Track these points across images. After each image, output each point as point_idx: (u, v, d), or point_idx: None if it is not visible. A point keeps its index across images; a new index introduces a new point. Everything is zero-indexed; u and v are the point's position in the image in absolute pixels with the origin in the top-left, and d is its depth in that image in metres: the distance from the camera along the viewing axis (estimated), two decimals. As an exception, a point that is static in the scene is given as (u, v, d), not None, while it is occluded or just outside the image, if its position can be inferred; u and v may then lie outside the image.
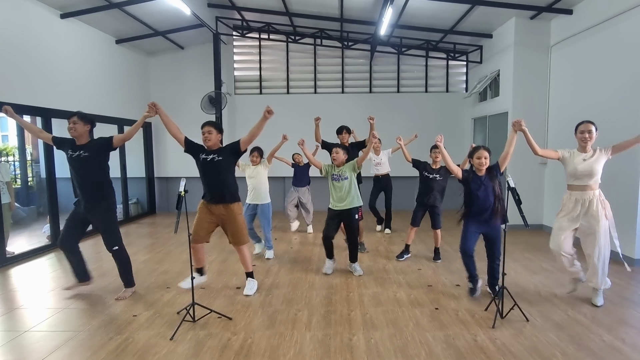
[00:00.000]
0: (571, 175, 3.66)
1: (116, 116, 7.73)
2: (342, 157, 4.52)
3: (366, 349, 2.96)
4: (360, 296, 4.00)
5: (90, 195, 3.88)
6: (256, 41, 9.20)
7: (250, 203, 5.32)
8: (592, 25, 5.59)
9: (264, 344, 3.05)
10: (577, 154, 3.66)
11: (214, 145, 3.88)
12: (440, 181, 5.04)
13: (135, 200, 8.72)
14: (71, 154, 3.84)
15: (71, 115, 3.87)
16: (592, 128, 3.63)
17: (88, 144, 3.91)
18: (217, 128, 3.93)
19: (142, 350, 2.97)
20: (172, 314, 3.59)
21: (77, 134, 3.85)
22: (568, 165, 3.67)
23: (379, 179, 6.83)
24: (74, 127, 3.82)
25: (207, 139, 3.84)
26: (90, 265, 5.04)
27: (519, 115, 6.80)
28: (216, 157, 3.80)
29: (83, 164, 3.83)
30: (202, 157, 3.82)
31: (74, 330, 3.30)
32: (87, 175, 3.86)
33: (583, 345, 2.99)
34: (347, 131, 5.55)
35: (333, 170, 4.57)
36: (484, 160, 3.70)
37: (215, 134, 3.88)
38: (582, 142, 3.63)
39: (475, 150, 3.77)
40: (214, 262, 5.19)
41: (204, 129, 3.88)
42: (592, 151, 3.64)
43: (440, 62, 9.22)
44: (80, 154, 3.82)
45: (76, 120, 3.84)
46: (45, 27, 5.99)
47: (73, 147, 3.87)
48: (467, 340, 3.07)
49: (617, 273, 4.62)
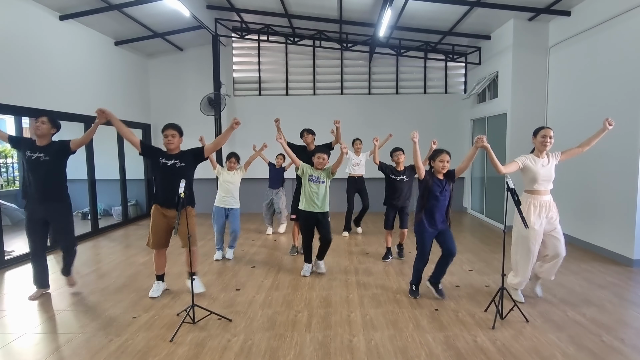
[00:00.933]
0: (532, 180, 3.68)
1: (115, 118, 7.71)
2: (326, 164, 4.60)
3: (366, 350, 2.96)
4: (360, 297, 4.00)
5: (48, 197, 3.89)
6: (255, 43, 9.21)
7: (220, 206, 5.33)
8: (590, 27, 5.61)
9: (264, 346, 3.04)
10: (536, 160, 3.69)
11: (175, 149, 3.87)
12: (407, 182, 5.13)
13: (134, 202, 8.71)
14: (30, 155, 3.83)
15: (41, 114, 3.92)
16: (552, 133, 3.67)
17: (48, 146, 3.91)
18: (179, 132, 3.90)
19: (141, 352, 2.96)
20: (172, 316, 3.58)
21: (40, 133, 3.86)
22: (529, 171, 3.67)
23: (355, 180, 6.82)
24: (40, 127, 3.85)
25: (170, 142, 3.81)
26: (89, 267, 5.06)
27: (517, 116, 6.83)
28: (178, 163, 3.81)
29: (43, 167, 3.83)
30: (162, 162, 3.80)
31: (73, 332, 3.29)
32: (46, 178, 3.87)
33: (583, 345, 3.00)
34: (307, 132, 5.54)
35: (312, 171, 4.57)
36: (445, 164, 3.76)
37: (178, 137, 3.86)
38: (543, 146, 3.65)
39: (439, 153, 3.80)
40: (213, 263, 5.19)
41: (166, 131, 3.83)
42: (547, 157, 3.70)
43: (439, 64, 9.24)
44: (41, 157, 3.83)
45: (45, 121, 3.89)
46: (44, 28, 5.98)
47: (32, 147, 3.87)
48: (467, 341, 3.08)
49: (616, 273, 4.63)
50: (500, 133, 7.28)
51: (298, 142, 5.51)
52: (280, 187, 6.86)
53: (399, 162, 5.10)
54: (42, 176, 3.85)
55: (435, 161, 3.79)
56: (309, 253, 4.72)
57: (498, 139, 7.40)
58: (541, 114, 6.80)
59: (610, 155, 5.19)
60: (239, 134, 9.16)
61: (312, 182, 4.52)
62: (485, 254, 5.46)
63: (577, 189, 5.89)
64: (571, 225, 6.01)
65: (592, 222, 5.61)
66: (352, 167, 6.81)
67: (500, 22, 7.09)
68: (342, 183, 6.85)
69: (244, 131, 9.16)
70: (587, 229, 5.70)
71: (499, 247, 3.72)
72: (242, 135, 9.16)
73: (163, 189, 3.84)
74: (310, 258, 4.73)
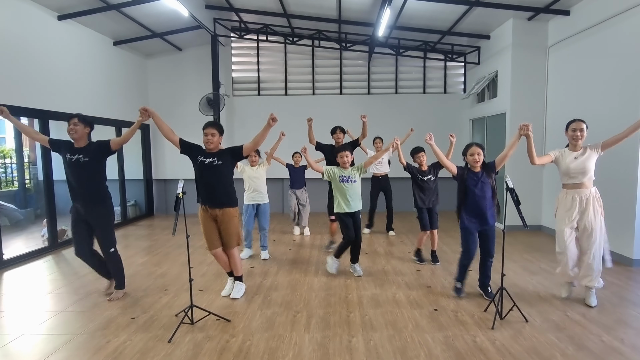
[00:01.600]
0: (564, 174, 3.69)
1: (114, 118, 7.71)
2: (350, 160, 4.52)
3: (365, 351, 2.95)
4: (359, 297, 3.99)
5: (88, 199, 3.87)
6: (254, 42, 9.20)
7: (249, 204, 5.33)
8: (590, 26, 5.60)
9: (263, 346, 3.03)
10: (568, 153, 3.70)
11: (214, 148, 3.80)
12: (434, 180, 5.07)
13: (133, 202, 8.70)
14: (70, 157, 3.79)
15: (71, 116, 3.83)
16: (584, 126, 3.66)
17: (87, 147, 3.87)
18: (220, 130, 3.84)
19: (139, 352, 2.95)
20: (170, 317, 3.57)
21: (77, 136, 3.81)
22: (561, 164, 3.70)
23: (379, 180, 6.81)
24: (74, 129, 3.79)
25: (210, 142, 3.74)
26: (87, 268, 5.02)
27: (517, 116, 6.81)
28: (216, 161, 3.74)
29: (83, 168, 3.81)
30: (201, 160, 3.74)
31: (72, 333, 3.28)
32: (87, 179, 3.85)
33: (582, 345, 2.99)
34: (341, 131, 5.54)
35: (342, 172, 4.50)
36: (477, 157, 3.71)
37: (218, 136, 3.79)
38: (574, 140, 3.66)
39: (468, 147, 3.79)
40: (212, 263, 5.17)
41: (206, 130, 3.77)
42: (583, 149, 3.67)
43: (438, 63, 9.23)
44: (80, 158, 3.79)
45: (77, 122, 3.80)
46: (42, 28, 5.97)
47: (71, 150, 3.83)
48: (466, 341, 3.07)
49: (615, 273, 4.62)
50: (500, 133, 7.27)
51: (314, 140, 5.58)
52: (303, 187, 6.76)
53: (422, 162, 5.04)
54: (83, 178, 3.84)
55: (467, 156, 3.76)
56: (343, 251, 4.66)
57: (497, 138, 7.40)
58: (540, 113, 6.79)
59: (609, 154, 5.17)
60: (238, 134, 9.18)
61: (345, 182, 4.46)
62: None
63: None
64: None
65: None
66: (375, 166, 6.73)
67: (499, 21, 7.08)
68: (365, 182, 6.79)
69: (243, 131, 9.18)
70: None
71: (499, 247, 3.70)
72: (242, 135, 9.16)
73: (205, 188, 3.78)
74: (341, 254, 4.68)
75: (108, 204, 4.01)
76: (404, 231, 7.09)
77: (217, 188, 3.76)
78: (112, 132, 7.76)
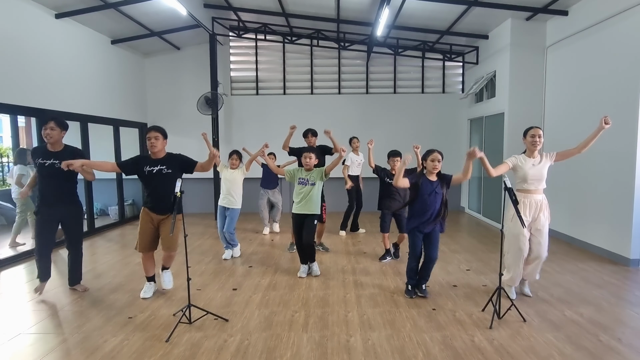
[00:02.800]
0: (522, 180, 3.74)
1: (111, 117, 7.69)
2: (313, 163, 4.53)
3: (363, 350, 2.95)
4: (358, 297, 3.99)
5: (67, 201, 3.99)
6: (252, 42, 9.18)
7: (221, 205, 5.34)
8: (588, 27, 5.61)
9: (261, 346, 3.03)
10: (526, 159, 3.74)
11: (159, 153, 3.79)
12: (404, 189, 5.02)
13: (130, 201, 8.67)
14: (42, 162, 3.86)
15: (47, 121, 3.89)
16: (541, 132, 3.73)
17: (63, 152, 3.91)
18: (163, 134, 3.82)
19: (137, 352, 2.94)
20: (168, 316, 3.56)
21: (53, 140, 3.86)
22: (519, 170, 3.74)
23: (355, 179, 6.65)
24: (50, 134, 3.83)
25: (153, 145, 3.72)
26: (86, 267, 5.01)
27: (515, 115, 6.83)
28: (165, 170, 3.75)
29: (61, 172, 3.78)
30: (148, 170, 3.73)
31: (68, 333, 3.26)
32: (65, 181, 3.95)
33: (580, 345, 3.00)
34: (312, 134, 5.54)
35: (300, 173, 4.54)
36: (437, 164, 3.74)
37: (161, 140, 3.77)
38: (533, 146, 3.72)
39: (430, 152, 3.78)
40: (210, 263, 5.17)
41: (150, 134, 3.73)
42: (539, 156, 3.73)
43: (437, 63, 9.23)
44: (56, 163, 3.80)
45: (53, 127, 3.85)
46: (40, 27, 5.94)
47: (45, 155, 3.87)
48: (464, 341, 3.07)
49: (613, 273, 4.64)
50: (498, 133, 7.29)
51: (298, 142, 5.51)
52: (275, 188, 6.80)
53: (395, 167, 5.02)
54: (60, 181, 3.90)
55: (427, 161, 3.78)
56: (301, 254, 4.69)
57: (495, 138, 7.41)
58: (538, 113, 6.80)
59: (607, 154, 5.20)
60: (236, 134, 9.16)
61: (299, 184, 4.51)
62: (482, 253, 5.46)
63: (573, 189, 5.89)
64: (568, 224, 6.03)
65: (589, 221, 5.62)
66: (357, 167, 6.69)
67: (497, 21, 7.09)
68: (339, 183, 6.80)
69: (242, 130, 9.17)
70: (584, 228, 5.71)
71: (497, 247, 3.72)
72: (240, 134, 9.16)
73: (153, 195, 3.80)
74: (305, 259, 4.70)
75: (80, 203, 4.15)
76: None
77: (166, 195, 3.62)
78: (109, 131, 7.74)
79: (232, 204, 5.29)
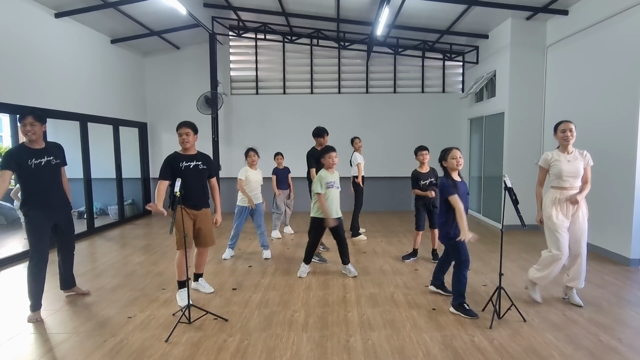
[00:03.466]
0: (557, 176, 3.64)
1: (111, 116, 7.68)
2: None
3: (363, 350, 2.94)
4: (357, 297, 3.98)
5: (64, 202, 3.81)
6: (252, 41, 9.17)
7: (245, 206, 5.31)
8: (588, 26, 5.60)
9: (261, 346, 3.02)
10: (560, 155, 3.65)
11: (191, 149, 3.80)
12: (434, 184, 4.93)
13: (130, 201, 8.67)
14: (36, 162, 3.53)
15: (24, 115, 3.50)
16: (573, 126, 3.62)
17: (47, 147, 3.68)
18: (194, 129, 3.80)
19: (136, 352, 2.94)
20: (168, 316, 3.56)
21: (35, 137, 3.54)
22: (554, 167, 3.64)
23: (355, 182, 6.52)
24: (32, 130, 3.49)
25: (185, 141, 3.71)
26: (85, 267, 5.03)
27: (515, 115, 6.81)
28: (200, 165, 3.77)
29: (55, 170, 3.69)
30: (185, 166, 3.69)
31: (68, 333, 3.26)
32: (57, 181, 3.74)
33: (580, 345, 2.99)
34: (326, 133, 5.41)
35: (328, 177, 4.44)
36: (460, 160, 3.55)
37: (192, 135, 3.77)
38: (564, 140, 3.62)
39: (449, 150, 3.59)
40: (209, 263, 5.16)
41: (181, 130, 3.72)
42: (575, 152, 3.65)
43: (437, 63, 9.23)
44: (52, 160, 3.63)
45: (33, 122, 3.50)
46: (39, 26, 5.93)
47: (32, 154, 3.53)
48: (464, 341, 3.06)
49: (613, 273, 4.63)
50: (498, 132, 7.28)
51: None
52: (288, 189, 6.73)
53: (424, 162, 4.92)
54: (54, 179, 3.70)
55: (448, 159, 3.57)
56: (312, 255, 4.69)
57: (495, 138, 7.40)
58: (539, 113, 6.80)
59: (608, 154, 5.19)
60: (236, 133, 9.15)
61: (328, 188, 4.42)
62: (482, 253, 5.46)
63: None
64: (568, 224, 6.01)
65: (590, 221, 5.59)
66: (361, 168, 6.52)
67: (497, 21, 7.08)
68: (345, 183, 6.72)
69: (242, 130, 9.16)
70: (585, 228, 5.69)
71: (497, 247, 3.70)
72: (240, 134, 9.15)
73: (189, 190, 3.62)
74: (311, 259, 4.71)
75: (70, 205, 3.95)
76: (402, 230, 7.10)
77: (200, 190, 3.78)
78: (109, 130, 7.73)
79: (260, 199, 5.42)
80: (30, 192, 3.55)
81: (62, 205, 3.80)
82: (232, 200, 5.31)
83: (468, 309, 3.51)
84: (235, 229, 5.39)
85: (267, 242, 5.45)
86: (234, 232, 5.41)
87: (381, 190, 9.12)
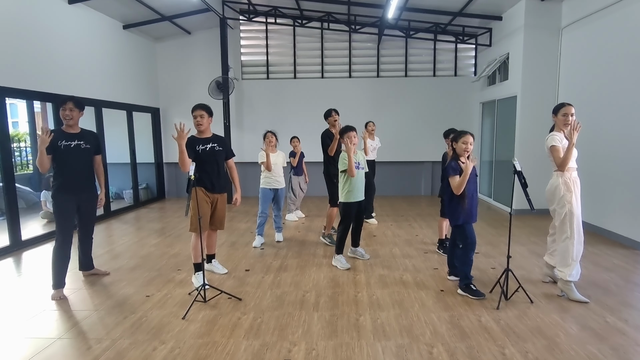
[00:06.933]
0: None
1: (125, 102, 7.79)
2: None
3: (372, 329, 3.04)
4: (367, 278, 4.07)
5: (90, 184, 3.93)
6: (263, 25, 9.14)
7: (269, 188, 5.31)
8: (604, 7, 5.47)
9: (273, 323, 3.14)
10: (562, 137, 3.61)
11: (206, 131, 3.87)
12: None
13: (144, 185, 8.84)
14: (67, 144, 3.69)
15: (65, 101, 3.75)
16: (574, 111, 3.61)
17: (82, 133, 3.85)
18: (209, 112, 3.86)
19: (156, 328, 3.08)
20: (184, 295, 3.70)
21: (73, 122, 3.75)
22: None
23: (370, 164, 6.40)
24: (70, 115, 3.71)
25: (200, 124, 3.79)
26: (103, 248, 5.20)
27: (528, 99, 6.74)
28: (217, 147, 3.85)
29: (86, 154, 3.82)
30: (201, 149, 3.77)
31: (90, 310, 3.42)
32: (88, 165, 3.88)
33: (586, 325, 3.04)
34: (335, 112, 5.26)
35: (356, 157, 4.25)
36: (470, 146, 3.55)
37: (206, 118, 3.83)
38: (565, 125, 3.59)
39: (462, 134, 3.56)
40: (223, 245, 5.29)
41: (195, 112, 3.79)
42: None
43: (449, 46, 9.09)
44: (82, 144, 3.78)
45: (72, 107, 3.73)
46: (53, 12, 6.01)
47: (66, 136, 3.72)
48: (471, 321, 3.14)
49: (622, 256, 4.64)
50: (510, 116, 7.21)
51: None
52: (303, 173, 6.81)
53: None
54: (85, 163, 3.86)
55: (458, 142, 3.55)
56: (343, 243, 4.49)
57: (508, 122, 7.33)
58: (552, 96, 6.70)
59: (621, 137, 5.14)
60: (247, 118, 9.21)
61: (358, 169, 4.28)
62: (492, 237, 5.49)
63: (584, 172, 5.83)
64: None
65: (600, 205, 5.59)
66: (372, 152, 6.54)
67: (511, 2, 6.94)
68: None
69: (253, 115, 9.21)
70: (595, 212, 5.68)
71: (506, 231, 3.74)
72: (251, 119, 9.20)
73: (207, 173, 3.77)
74: (342, 249, 4.51)
75: (96, 192, 4.07)
76: (412, 215, 7.15)
77: (220, 173, 3.89)
78: (122, 116, 7.86)
79: (282, 184, 5.42)
80: (58, 174, 3.74)
81: (87, 189, 3.89)
82: (244, 186, 5.35)
83: (475, 289, 3.57)
84: (262, 214, 5.34)
85: (281, 225, 5.54)
86: (261, 220, 5.32)
87: (391, 175, 9.13)
